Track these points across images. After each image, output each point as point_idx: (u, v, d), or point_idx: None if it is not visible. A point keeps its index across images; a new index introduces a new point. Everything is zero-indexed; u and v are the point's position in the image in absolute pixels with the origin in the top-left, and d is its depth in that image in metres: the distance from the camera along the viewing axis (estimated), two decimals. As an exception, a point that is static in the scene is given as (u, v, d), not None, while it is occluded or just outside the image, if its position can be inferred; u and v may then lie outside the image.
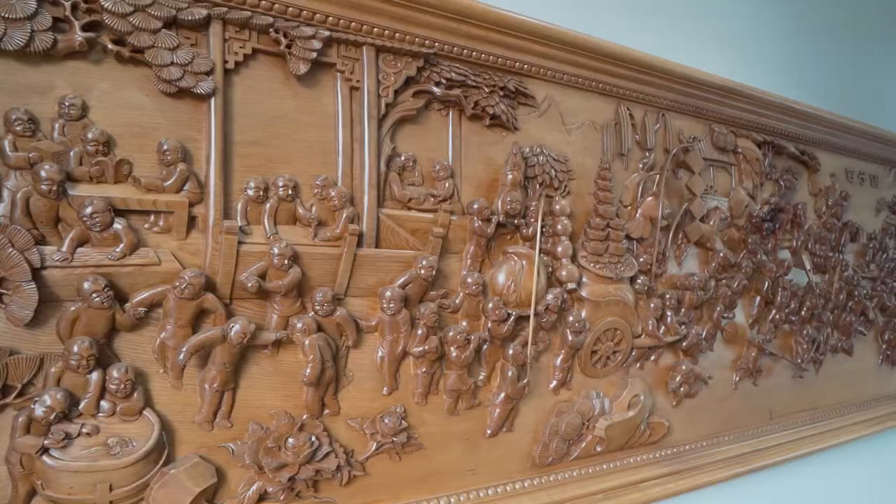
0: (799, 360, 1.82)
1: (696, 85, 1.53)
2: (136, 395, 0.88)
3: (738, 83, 1.61)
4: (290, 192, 1.00)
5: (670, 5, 1.65)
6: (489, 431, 1.21)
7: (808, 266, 1.83)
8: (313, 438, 0.99)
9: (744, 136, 1.69)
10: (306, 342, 0.99)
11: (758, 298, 1.71)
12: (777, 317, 1.74)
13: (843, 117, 1.93)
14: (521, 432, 1.26)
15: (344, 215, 1.03)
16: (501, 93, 1.23)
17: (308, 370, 0.99)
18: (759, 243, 1.69)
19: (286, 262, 0.96)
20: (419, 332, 1.09)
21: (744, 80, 1.65)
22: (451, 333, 1.12)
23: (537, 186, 1.28)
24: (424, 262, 1.09)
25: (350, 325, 1.04)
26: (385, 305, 1.06)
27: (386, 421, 1.07)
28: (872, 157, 2.11)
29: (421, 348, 1.09)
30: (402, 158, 1.13)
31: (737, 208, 1.66)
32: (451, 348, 1.13)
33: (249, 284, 0.94)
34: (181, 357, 0.90)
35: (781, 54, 1.97)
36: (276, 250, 0.96)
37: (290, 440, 0.97)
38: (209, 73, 0.93)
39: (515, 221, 1.23)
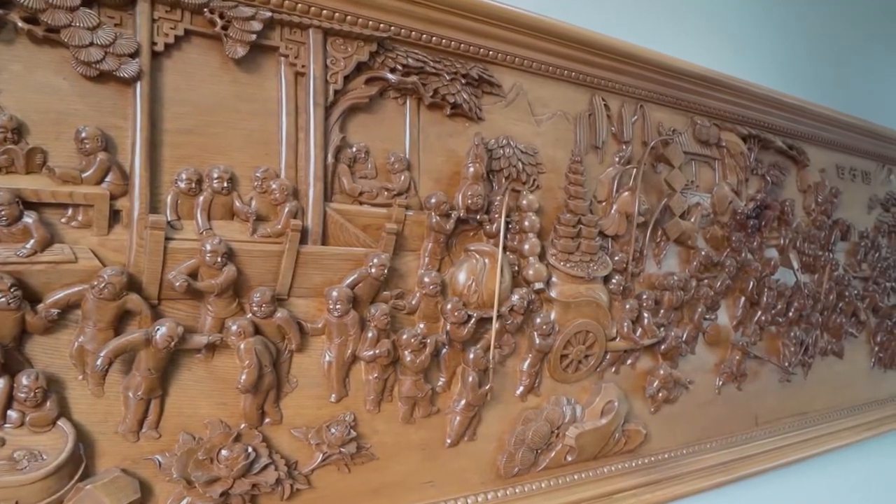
0: (786, 364, 1.74)
1: (676, 75, 1.46)
2: (48, 403, 0.81)
3: (721, 73, 1.54)
4: (225, 184, 0.93)
5: (651, -8, 1.58)
6: (449, 441, 1.14)
7: (795, 265, 1.75)
8: (249, 449, 0.92)
9: (728, 130, 1.62)
10: (241, 346, 0.91)
11: (742, 299, 1.64)
12: (763, 318, 1.67)
13: (834, 111, 1.86)
14: (485, 441, 1.19)
15: (286, 209, 0.96)
16: (464, 80, 1.16)
17: (243, 376, 0.91)
18: (744, 241, 1.62)
19: (219, 259, 0.89)
20: (369, 334, 1.02)
21: (731, 72, 1.58)
22: (405, 336, 1.05)
23: (503, 180, 1.21)
24: (375, 261, 1.02)
25: (292, 328, 0.97)
26: (331, 306, 0.99)
27: (332, 430, 1.00)
28: (864, 153, 2.04)
29: (371, 352, 1.02)
30: (354, 149, 1.05)
31: (720, 205, 1.58)
32: (406, 352, 1.05)
33: (177, 284, 0.87)
34: (99, 362, 0.82)
35: (771, 45, 1.90)
36: (207, 247, 0.89)
37: (224, 452, 0.90)
38: (134, 55, 0.86)
39: (478, 217, 1.15)
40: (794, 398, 1.81)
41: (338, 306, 0.99)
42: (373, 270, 1.02)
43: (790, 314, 1.75)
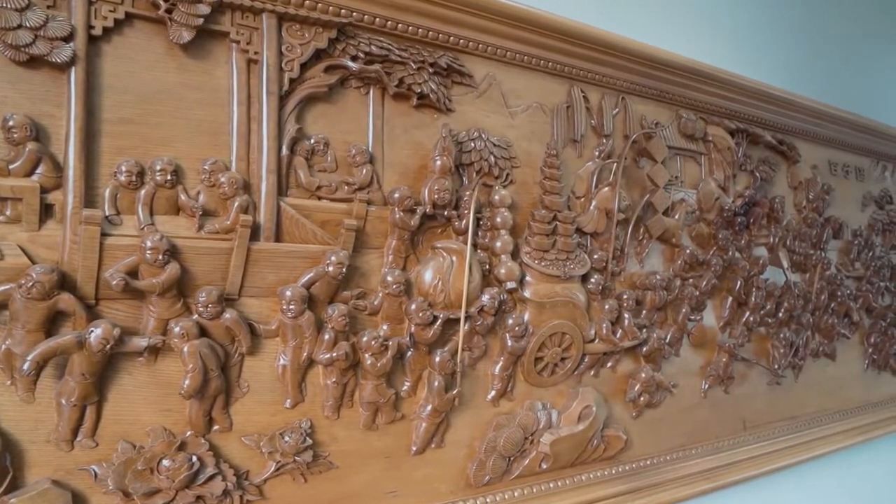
0: (776, 366, 1.68)
1: (660, 66, 1.41)
2: (-30, 411, 0.76)
3: (707, 65, 1.48)
4: (169, 176, 0.87)
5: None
6: (414, 448, 1.08)
7: (785, 264, 1.70)
8: (194, 459, 0.87)
9: (715, 124, 1.56)
10: (185, 349, 0.86)
11: (729, 299, 1.58)
12: (751, 319, 1.61)
13: (826, 105, 1.80)
14: (454, 448, 1.13)
15: (235, 204, 0.91)
16: (431, 70, 1.10)
17: (187, 381, 0.86)
18: (731, 239, 1.56)
19: (160, 256, 0.84)
20: (326, 336, 0.97)
21: (719, 64, 1.52)
22: (365, 338, 0.99)
23: (474, 174, 1.16)
24: (333, 258, 0.97)
25: (242, 329, 0.91)
26: (285, 306, 0.94)
27: (286, 438, 0.94)
28: (858, 149, 1.98)
29: (328, 355, 0.96)
30: (311, 141, 1.00)
31: (706, 201, 1.53)
32: (366, 355, 1.00)
33: (114, 282, 0.81)
34: (26, 367, 0.77)
35: (762, 38, 1.84)
36: (148, 243, 0.83)
37: (165, 462, 0.84)
38: (68, 38, 0.81)
39: (446, 213, 1.10)
40: (784, 401, 1.75)
41: (291, 306, 0.93)
42: (330, 269, 0.97)
43: (780, 315, 1.69)
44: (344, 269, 0.97)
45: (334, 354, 0.96)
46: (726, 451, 1.57)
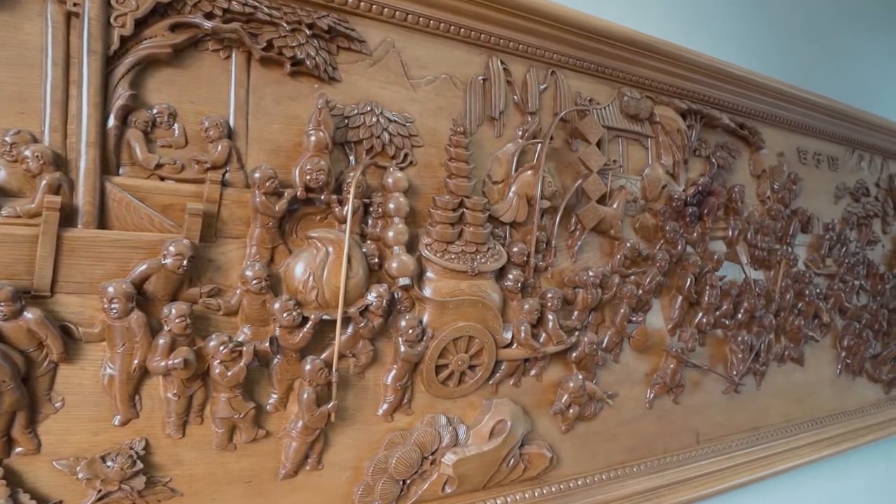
0: (734, 372, 1.53)
1: (597, 37, 1.25)
2: None
3: (653, 38, 1.33)
4: (-49, 148, 0.73)
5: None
6: (283, 471, 0.93)
7: (744, 259, 1.54)
8: (-22, 490, 0.72)
9: (664, 104, 1.41)
10: (-36, 357, 0.71)
11: (679, 298, 1.42)
12: (703, 321, 1.45)
13: (794, 87, 1.64)
14: (334, 471, 0.98)
15: (43, 183, 0.76)
16: (310, 32, 0.95)
17: (-33, 396, 0.71)
18: (681, 232, 1.40)
19: (-68, 244, 0.69)
20: (161, 341, 0.81)
21: (674, 38, 1.37)
22: (212, 343, 0.84)
23: (363, 154, 1.01)
24: (172, 249, 0.81)
25: (50, 332, 0.76)
26: (107, 305, 0.79)
27: (108, 463, 0.79)
28: (832, 136, 1.83)
29: (163, 363, 0.81)
30: (154, 112, 0.85)
31: (652, 189, 1.37)
32: (214, 363, 0.85)
33: None
34: None
35: (724, 10, 1.68)
36: (-84, 229, 0.68)
37: (-63, 494, 0.70)
38: None
39: (323, 197, 0.95)
40: (744, 411, 1.59)
41: (114, 305, 0.78)
42: (168, 261, 0.82)
43: (739, 316, 1.54)
44: (185, 262, 0.82)
45: (170, 362, 0.81)
46: (675, 467, 1.41)
